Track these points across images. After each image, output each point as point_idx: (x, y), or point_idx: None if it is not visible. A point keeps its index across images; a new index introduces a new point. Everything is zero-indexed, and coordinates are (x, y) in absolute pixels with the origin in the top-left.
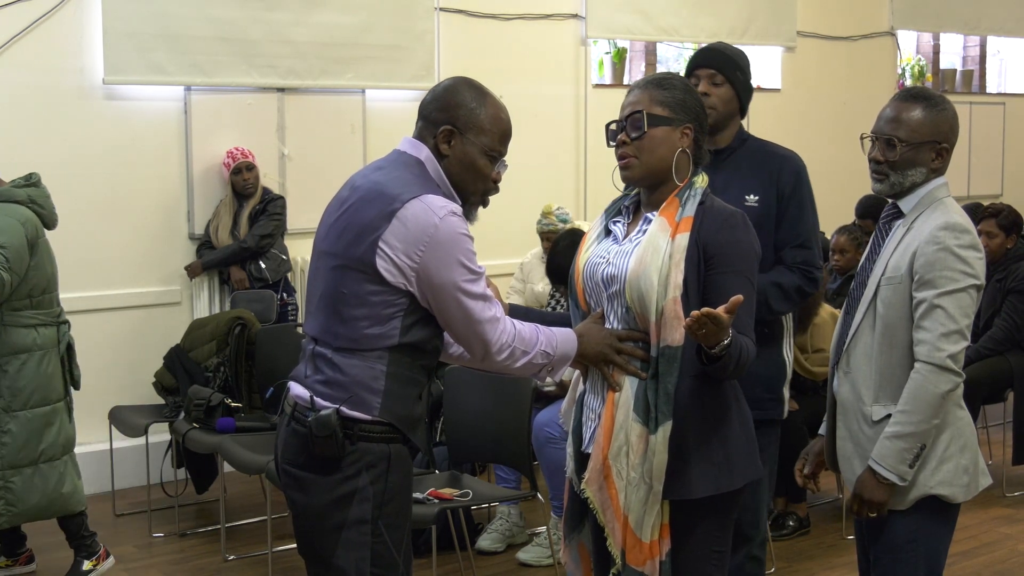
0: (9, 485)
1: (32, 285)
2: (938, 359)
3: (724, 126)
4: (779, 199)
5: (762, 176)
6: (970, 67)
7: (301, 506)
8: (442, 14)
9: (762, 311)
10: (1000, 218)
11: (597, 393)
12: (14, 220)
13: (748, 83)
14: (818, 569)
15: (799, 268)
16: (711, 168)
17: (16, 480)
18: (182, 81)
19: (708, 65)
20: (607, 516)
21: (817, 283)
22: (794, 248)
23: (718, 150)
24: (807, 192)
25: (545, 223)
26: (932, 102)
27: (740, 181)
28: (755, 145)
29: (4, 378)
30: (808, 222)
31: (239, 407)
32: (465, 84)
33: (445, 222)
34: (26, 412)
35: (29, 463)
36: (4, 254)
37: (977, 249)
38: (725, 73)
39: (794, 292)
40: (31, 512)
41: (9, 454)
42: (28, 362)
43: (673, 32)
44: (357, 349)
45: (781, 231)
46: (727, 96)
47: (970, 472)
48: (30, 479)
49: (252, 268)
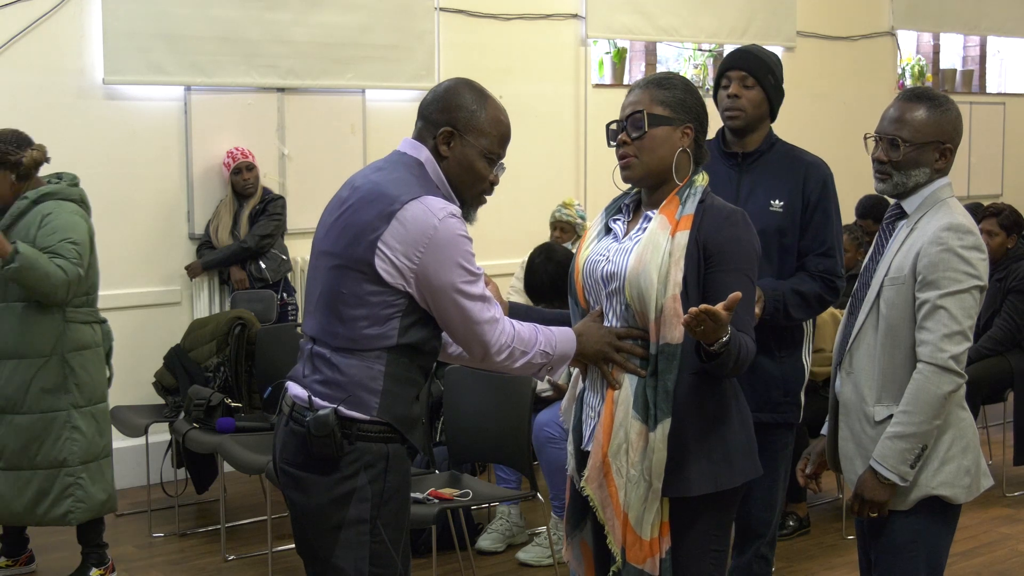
0: (79, 482)
1: (90, 283)
2: (940, 360)
3: (753, 129)
4: (804, 207)
5: (789, 182)
6: (970, 67)
7: (300, 506)
8: (442, 14)
9: (779, 318)
10: (1001, 217)
11: (596, 391)
12: (79, 217)
13: (779, 87)
14: (818, 569)
15: (821, 276)
16: (738, 171)
17: (85, 476)
18: (182, 81)
19: (740, 67)
20: (607, 514)
21: (838, 292)
22: (817, 256)
23: (746, 153)
24: (833, 200)
25: (564, 212)
26: (936, 102)
27: (766, 186)
28: (783, 150)
29: (72, 375)
30: (833, 231)
31: (239, 407)
32: (466, 86)
33: (444, 224)
34: (91, 408)
35: (94, 459)
36: (77, 250)
37: (980, 250)
38: (756, 76)
39: (814, 300)
40: (97, 508)
41: (81, 451)
42: (91, 358)
43: (673, 32)
44: (356, 349)
45: (806, 238)
46: (757, 99)
47: (972, 473)
48: (95, 475)
49: (252, 268)
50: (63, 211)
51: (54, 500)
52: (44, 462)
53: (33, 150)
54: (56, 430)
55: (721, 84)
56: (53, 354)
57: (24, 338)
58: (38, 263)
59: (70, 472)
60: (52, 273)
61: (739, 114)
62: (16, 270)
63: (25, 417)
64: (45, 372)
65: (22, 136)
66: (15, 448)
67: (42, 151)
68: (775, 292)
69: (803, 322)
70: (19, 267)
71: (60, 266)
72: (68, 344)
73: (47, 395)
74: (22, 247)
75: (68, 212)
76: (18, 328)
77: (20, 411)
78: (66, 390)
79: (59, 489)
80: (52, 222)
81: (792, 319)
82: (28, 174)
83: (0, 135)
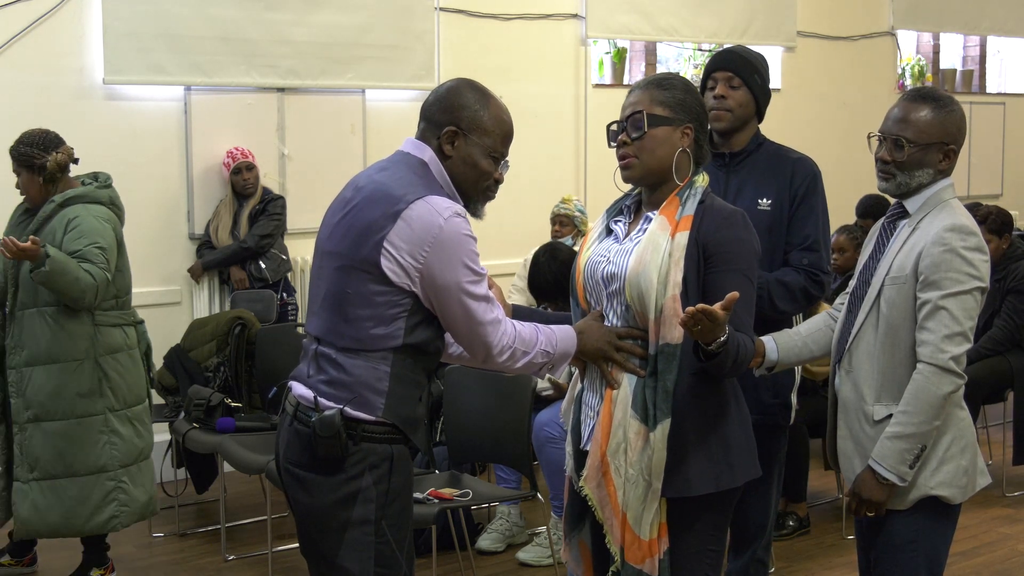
0: (121, 485)
1: (118, 286)
2: (941, 360)
3: (740, 129)
4: (792, 202)
5: (776, 180)
6: (970, 67)
7: (304, 506)
8: (442, 14)
9: (765, 307)
10: (989, 223)
11: (596, 391)
12: (105, 221)
13: (766, 87)
14: (818, 569)
15: (805, 270)
16: (726, 171)
17: (127, 479)
18: (182, 81)
19: (726, 68)
20: (605, 513)
21: (823, 287)
22: (802, 250)
23: (733, 153)
24: (820, 197)
25: (562, 207)
26: (941, 103)
27: (754, 185)
28: (770, 149)
29: (106, 380)
30: (817, 225)
31: (239, 407)
32: (468, 85)
33: (450, 223)
34: (127, 411)
35: (134, 461)
36: (104, 255)
37: (983, 252)
38: (743, 76)
39: (799, 293)
40: (140, 511)
41: (121, 454)
42: (124, 361)
43: (673, 32)
44: (361, 349)
45: (790, 233)
46: (744, 99)
47: (969, 473)
48: (136, 478)
49: (252, 268)
50: (89, 215)
51: (96, 507)
52: (83, 468)
53: (58, 153)
54: (93, 435)
55: (707, 85)
56: (86, 358)
57: (56, 343)
58: (67, 268)
59: (111, 476)
60: (81, 278)
61: (726, 115)
62: (47, 274)
63: (59, 424)
64: (79, 376)
65: (50, 137)
66: (49, 457)
67: (68, 153)
68: (760, 281)
69: (791, 318)
70: (49, 271)
71: (88, 271)
72: (100, 348)
73: (82, 400)
74: (52, 251)
75: (94, 216)
76: (49, 333)
77: (54, 418)
78: (101, 394)
79: (101, 495)
80: (79, 226)
81: (778, 310)
82: (54, 177)
83: (27, 137)
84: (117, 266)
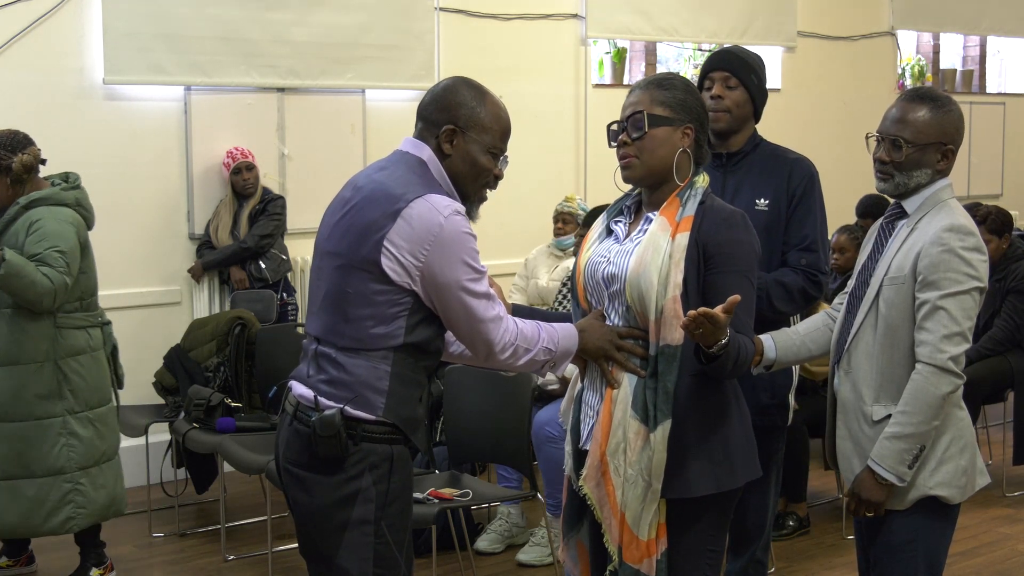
0: (79, 487)
1: (83, 288)
2: (939, 361)
3: (737, 130)
4: (789, 202)
5: (773, 180)
6: (970, 67)
7: (304, 506)
8: (442, 14)
9: (764, 307)
10: (988, 223)
11: (595, 390)
12: (68, 224)
13: (763, 87)
14: (818, 569)
15: (803, 270)
16: (723, 172)
17: (84, 481)
18: (182, 81)
19: (722, 68)
20: (604, 512)
21: (821, 287)
22: (800, 250)
23: (730, 153)
24: (817, 197)
25: (565, 205)
26: (939, 103)
27: (751, 185)
28: (768, 149)
29: (67, 382)
30: (815, 225)
31: (239, 407)
32: (463, 84)
33: (450, 221)
34: (88, 413)
35: (94, 463)
36: (64, 259)
37: (981, 252)
38: (739, 76)
39: (797, 293)
40: (99, 512)
41: (78, 456)
42: (86, 363)
43: (673, 32)
44: (362, 349)
45: (787, 233)
46: (741, 100)
47: (968, 473)
48: (96, 480)
49: (252, 268)
50: (52, 217)
51: (52, 508)
52: (40, 470)
53: (24, 154)
54: (51, 437)
55: (704, 86)
56: (46, 360)
57: (16, 344)
58: (24, 271)
59: (68, 479)
60: (38, 281)
61: (723, 115)
62: (2, 277)
63: (17, 425)
64: (38, 378)
65: (18, 138)
66: (7, 458)
67: (35, 154)
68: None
69: (790, 318)
70: (5, 274)
71: (46, 274)
72: (61, 350)
73: (41, 401)
74: (9, 254)
75: (57, 219)
76: (8, 335)
77: (12, 419)
78: (60, 396)
79: (57, 496)
80: (40, 229)
81: (777, 311)
82: (20, 178)
83: None
84: (81, 268)
